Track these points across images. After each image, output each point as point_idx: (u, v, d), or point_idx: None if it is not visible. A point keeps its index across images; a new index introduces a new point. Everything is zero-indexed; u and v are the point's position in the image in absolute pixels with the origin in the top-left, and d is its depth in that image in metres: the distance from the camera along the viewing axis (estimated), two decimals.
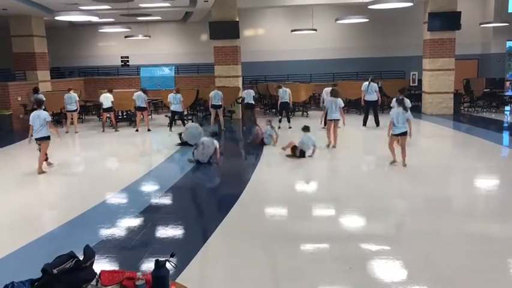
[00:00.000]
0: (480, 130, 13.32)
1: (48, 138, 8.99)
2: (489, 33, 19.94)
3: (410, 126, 8.62)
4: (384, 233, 5.62)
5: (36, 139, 8.92)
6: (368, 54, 20.67)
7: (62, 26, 20.42)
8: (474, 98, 17.50)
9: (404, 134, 8.62)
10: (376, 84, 13.71)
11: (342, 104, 10.91)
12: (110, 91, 15.13)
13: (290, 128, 13.76)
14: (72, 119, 14.71)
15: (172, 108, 14.38)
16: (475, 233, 5.55)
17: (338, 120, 10.79)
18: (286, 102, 14.22)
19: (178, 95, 14.21)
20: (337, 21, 17.14)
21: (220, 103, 14.48)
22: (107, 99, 14.48)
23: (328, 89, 12.36)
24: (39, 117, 8.86)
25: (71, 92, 14.79)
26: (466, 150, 10.99)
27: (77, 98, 14.82)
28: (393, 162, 8.83)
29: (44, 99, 10.18)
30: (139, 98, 14.18)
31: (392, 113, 8.69)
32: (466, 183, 8.04)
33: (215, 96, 14.35)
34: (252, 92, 15.04)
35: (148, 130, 14.43)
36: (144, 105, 14.29)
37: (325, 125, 11.62)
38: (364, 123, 13.78)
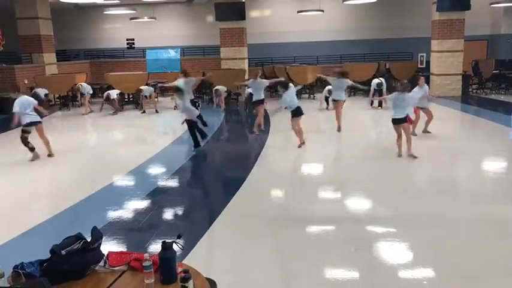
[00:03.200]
0: (489, 112, 13.20)
1: (40, 122, 8.86)
2: (499, 13, 19.60)
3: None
4: (390, 216, 5.61)
5: (29, 124, 8.68)
6: (376, 35, 20.42)
7: (67, 8, 20.32)
8: (483, 79, 17.30)
9: (404, 120, 8.07)
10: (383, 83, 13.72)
11: (350, 82, 10.93)
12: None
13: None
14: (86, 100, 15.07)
15: None
16: (483, 216, 5.52)
17: (344, 101, 10.77)
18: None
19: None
20: (345, 2, 16.94)
21: (225, 88, 14.59)
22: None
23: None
24: (28, 103, 8.64)
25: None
26: (475, 133, 10.90)
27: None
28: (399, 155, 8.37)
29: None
30: (147, 90, 14.60)
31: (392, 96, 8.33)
32: (474, 166, 7.98)
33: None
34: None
35: (156, 112, 14.45)
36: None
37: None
38: (372, 103, 13.89)
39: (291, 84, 9.58)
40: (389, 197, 6.34)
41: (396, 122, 8.13)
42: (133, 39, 22.14)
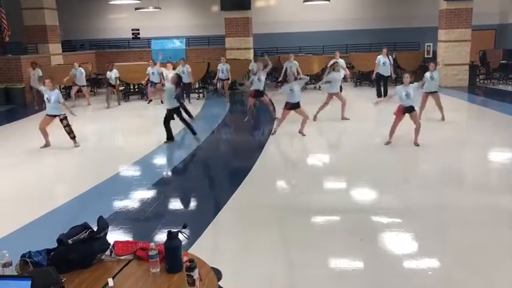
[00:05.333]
0: (496, 103, 13.08)
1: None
2: (508, 2, 19.32)
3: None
4: (395, 206, 5.61)
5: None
6: (382, 25, 20.23)
7: None
8: (490, 69, 17.13)
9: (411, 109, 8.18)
10: (388, 59, 13.51)
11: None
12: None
13: None
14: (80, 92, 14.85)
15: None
16: (489, 206, 5.51)
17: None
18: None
19: (186, 66, 14.28)
20: None
21: (227, 76, 14.42)
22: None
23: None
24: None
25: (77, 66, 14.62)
26: (481, 123, 10.82)
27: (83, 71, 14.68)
28: (388, 143, 8.50)
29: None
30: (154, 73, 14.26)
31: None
32: (480, 157, 7.94)
33: (222, 70, 14.37)
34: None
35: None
36: (157, 80, 14.17)
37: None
38: (379, 95, 13.56)
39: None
40: (395, 187, 6.33)
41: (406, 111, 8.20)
42: (138, 30, 22.08)
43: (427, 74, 9.87)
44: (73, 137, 9.08)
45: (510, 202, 5.68)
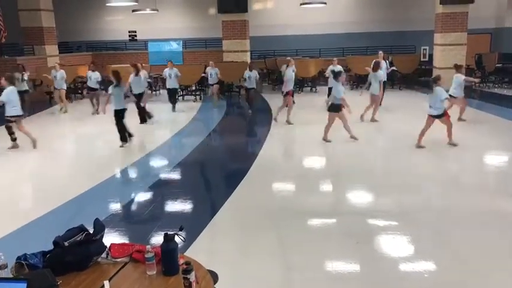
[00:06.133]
0: (492, 106, 13.14)
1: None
2: (503, 6, 19.46)
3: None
4: (391, 209, 5.62)
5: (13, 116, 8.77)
6: (378, 28, 20.32)
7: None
8: (486, 73, 17.21)
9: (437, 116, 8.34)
10: (385, 62, 12.95)
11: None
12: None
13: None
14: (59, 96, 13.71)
15: (168, 85, 13.55)
16: (485, 209, 5.52)
17: None
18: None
19: (174, 70, 13.38)
20: None
21: (217, 80, 13.91)
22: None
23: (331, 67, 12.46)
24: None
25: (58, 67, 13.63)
26: (477, 127, 10.85)
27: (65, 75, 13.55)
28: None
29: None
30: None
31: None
32: (477, 160, 7.97)
33: (211, 74, 13.88)
34: (253, 75, 12.37)
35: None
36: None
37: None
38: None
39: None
40: (392, 190, 6.33)
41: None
42: (135, 32, 22.08)
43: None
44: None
45: (507, 205, 5.70)
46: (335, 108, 8.86)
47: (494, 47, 19.90)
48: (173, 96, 13.61)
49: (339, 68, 12.34)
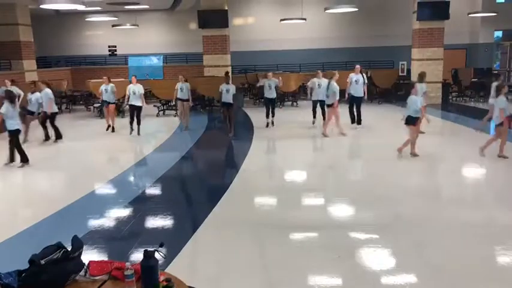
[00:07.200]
0: (468, 119, 13.42)
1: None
2: (477, 22, 20.04)
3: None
4: (373, 222, 5.65)
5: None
6: (357, 43, 20.68)
7: (48, 14, 20.11)
8: (462, 87, 17.62)
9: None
10: (361, 77, 11.87)
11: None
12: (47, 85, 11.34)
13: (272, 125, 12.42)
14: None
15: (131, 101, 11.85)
16: (465, 221, 5.59)
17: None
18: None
19: (138, 86, 11.84)
20: (326, 11, 17.12)
21: (187, 96, 12.40)
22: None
23: (315, 80, 12.06)
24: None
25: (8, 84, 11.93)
26: (455, 139, 11.07)
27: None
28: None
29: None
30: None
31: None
32: (455, 172, 8.10)
33: (181, 88, 12.38)
34: (231, 89, 11.29)
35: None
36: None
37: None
38: (353, 120, 12.00)
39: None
40: (372, 203, 6.38)
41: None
42: (115, 46, 21.98)
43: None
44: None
45: (485, 216, 5.78)
46: (413, 120, 8.64)
47: (470, 62, 20.42)
48: (134, 116, 11.78)
49: (325, 81, 11.49)
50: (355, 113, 11.97)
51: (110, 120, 12.47)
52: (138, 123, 11.79)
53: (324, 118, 11.42)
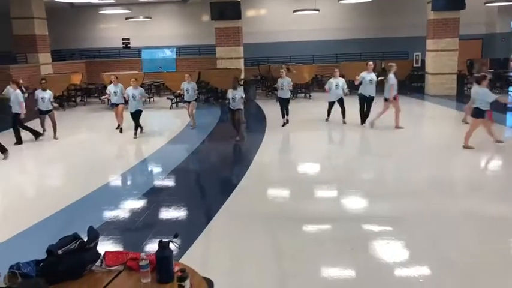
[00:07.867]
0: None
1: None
2: (494, 12, 19.67)
3: None
4: (386, 214, 5.62)
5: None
6: (371, 34, 20.47)
7: (62, 7, 20.26)
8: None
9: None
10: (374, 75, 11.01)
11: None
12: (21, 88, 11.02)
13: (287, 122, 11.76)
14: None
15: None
16: (479, 214, 5.54)
17: None
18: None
19: (139, 90, 10.74)
20: (340, 1, 16.97)
21: (193, 98, 11.85)
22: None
23: (332, 80, 11.43)
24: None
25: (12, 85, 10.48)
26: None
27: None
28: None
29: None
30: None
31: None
32: (471, 165, 8.00)
33: (187, 90, 11.77)
34: (238, 96, 9.99)
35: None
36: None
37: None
38: (363, 120, 11.19)
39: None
40: (386, 196, 6.35)
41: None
42: (128, 39, 22.08)
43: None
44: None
45: (501, 209, 5.71)
46: (480, 113, 8.52)
47: (486, 52, 20.09)
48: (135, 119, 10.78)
49: (342, 80, 11.33)
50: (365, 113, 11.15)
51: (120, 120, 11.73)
52: (137, 127, 10.86)
53: (344, 116, 11.33)
